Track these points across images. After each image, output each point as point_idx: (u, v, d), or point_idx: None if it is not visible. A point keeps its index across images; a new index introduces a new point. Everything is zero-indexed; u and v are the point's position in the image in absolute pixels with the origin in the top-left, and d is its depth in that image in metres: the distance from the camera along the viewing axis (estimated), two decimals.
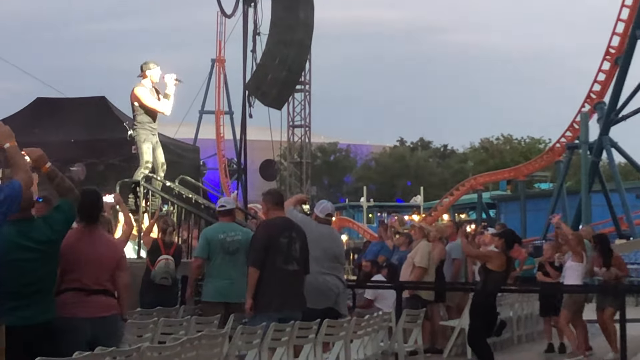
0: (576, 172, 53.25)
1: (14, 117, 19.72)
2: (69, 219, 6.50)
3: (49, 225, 6.30)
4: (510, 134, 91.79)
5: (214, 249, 10.38)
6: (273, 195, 9.73)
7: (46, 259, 6.28)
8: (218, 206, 11.15)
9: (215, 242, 10.39)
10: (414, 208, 65.72)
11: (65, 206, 6.44)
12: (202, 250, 10.54)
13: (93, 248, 6.96)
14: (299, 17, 19.89)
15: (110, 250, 7.18)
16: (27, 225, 6.19)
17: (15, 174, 5.91)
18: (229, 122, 63.74)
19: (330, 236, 10.61)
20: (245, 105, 21.27)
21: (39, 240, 6.20)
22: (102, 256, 7.01)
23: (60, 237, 6.41)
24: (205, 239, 10.60)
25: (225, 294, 10.25)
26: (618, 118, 39.59)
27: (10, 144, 5.94)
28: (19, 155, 5.96)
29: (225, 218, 10.79)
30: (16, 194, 5.77)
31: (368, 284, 15.00)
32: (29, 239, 6.14)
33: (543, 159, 51.71)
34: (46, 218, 6.39)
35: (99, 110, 20.06)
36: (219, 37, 60.54)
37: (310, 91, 46.93)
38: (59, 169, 6.66)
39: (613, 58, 40.15)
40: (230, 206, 10.99)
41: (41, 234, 6.22)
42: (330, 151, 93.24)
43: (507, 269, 11.77)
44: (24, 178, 5.87)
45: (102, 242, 7.13)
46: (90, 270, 6.89)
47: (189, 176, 18.27)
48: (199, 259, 10.56)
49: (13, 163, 5.93)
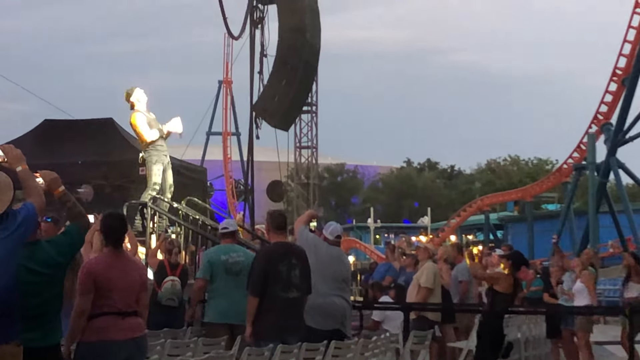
0: (584, 193, 53.13)
1: (23, 139, 19.81)
2: (75, 244, 6.50)
3: (54, 248, 6.28)
4: (517, 155, 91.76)
5: (217, 270, 10.35)
6: (275, 219, 9.69)
7: (51, 282, 6.25)
8: (220, 228, 11.19)
9: (217, 264, 10.36)
10: (421, 229, 65.61)
11: (74, 231, 6.44)
12: (204, 272, 10.50)
13: (125, 273, 7.08)
14: (305, 39, 19.98)
15: (139, 273, 7.31)
16: (32, 248, 6.18)
17: (28, 196, 5.93)
18: (236, 144, 63.89)
19: (339, 258, 10.62)
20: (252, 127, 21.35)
21: (45, 263, 6.18)
22: (132, 280, 7.13)
23: (66, 261, 6.39)
24: (207, 261, 10.59)
25: (228, 315, 10.21)
26: (625, 139, 39.50)
27: (22, 167, 5.98)
28: (31, 178, 5.99)
29: (227, 240, 10.81)
30: (32, 216, 5.80)
31: (375, 305, 14.98)
32: (34, 262, 6.12)
33: (550, 180, 51.61)
34: (52, 241, 6.38)
35: (107, 132, 20.15)
36: (226, 59, 60.74)
37: (317, 112, 46.93)
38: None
39: (620, 79, 40.10)
40: (232, 228, 11.01)
41: (47, 257, 6.20)
42: (338, 172, 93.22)
43: (514, 291, 11.75)
44: (38, 201, 5.90)
45: (131, 266, 7.26)
46: (124, 294, 7.02)
47: (196, 197, 18.33)
48: (202, 280, 10.52)
49: (26, 186, 5.96)
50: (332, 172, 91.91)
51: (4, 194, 5.63)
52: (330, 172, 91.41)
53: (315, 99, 45.98)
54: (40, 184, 6.19)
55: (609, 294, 28.32)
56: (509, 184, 74.94)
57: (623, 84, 39.39)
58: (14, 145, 6.24)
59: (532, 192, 53.03)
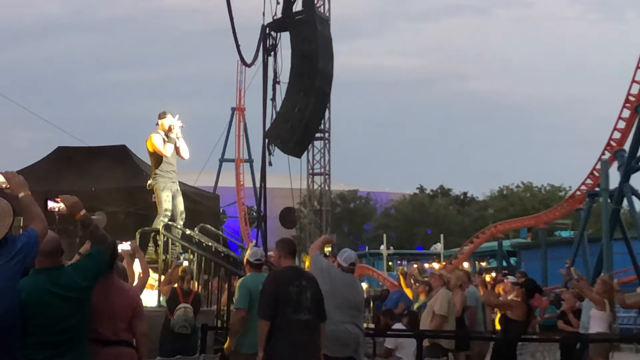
0: (597, 220, 52.98)
1: (36, 165, 19.89)
2: (100, 267, 6.52)
3: (79, 272, 6.32)
4: (530, 182, 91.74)
5: (253, 300, 9.98)
6: (286, 244, 9.63)
7: (77, 306, 6.27)
8: (254, 259, 10.65)
9: (255, 294, 9.96)
10: (434, 256, 65.47)
11: (97, 254, 6.47)
12: (244, 301, 10.17)
13: (107, 298, 6.92)
14: (318, 66, 20.00)
15: (125, 300, 7.13)
16: (57, 273, 6.22)
17: (31, 222, 5.95)
18: (249, 170, 64.02)
19: (353, 285, 10.58)
20: (265, 153, 21.36)
21: (70, 287, 6.21)
22: (116, 306, 6.99)
23: (92, 285, 6.41)
24: (247, 289, 10.22)
25: None
26: (638, 166, 39.39)
27: (24, 193, 6.00)
28: (33, 204, 6.01)
29: (257, 269, 10.57)
30: (32, 243, 5.82)
31: (388, 332, 14.92)
32: (59, 287, 6.15)
33: (563, 206, 51.48)
34: (76, 266, 6.43)
35: (120, 159, 20.20)
36: (239, 86, 61.12)
37: (329, 139, 47.10)
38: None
39: (633, 106, 40.03)
40: (263, 259, 10.85)
41: (71, 281, 6.23)
42: (350, 199, 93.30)
43: (527, 318, 11.71)
44: (40, 227, 5.91)
45: (117, 292, 7.10)
46: (106, 321, 6.86)
47: (209, 224, 18.34)
48: (243, 310, 10.13)
49: (28, 212, 5.96)
50: (344, 198, 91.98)
51: (3, 220, 5.66)
52: (343, 199, 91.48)
53: (328, 126, 46.18)
54: (61, 208, 6.23)
55: (624, 321, 28.18)
56: (522, 210, 74.83)
57: (636, 111, 39.33)
58: (25, 171, 6.27)
59: (545, 219, 52.88)
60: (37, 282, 6.12)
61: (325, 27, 21.54)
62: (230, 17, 20.89)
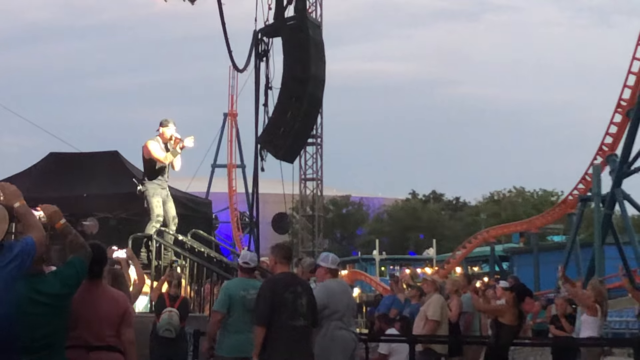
0: (589, 225, 53.07)
1: (28, 172, 19.84)
2: (80, 275, 6.51)
3: (59, 279, 6.31)
4: (522, 187, 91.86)
5: (235, 305, 10.15)
6: (282, 250, 9.66)
7: (56, 313, 6.25)
8: (242, 261, 10.70)
9: (236, 298, 10.16)
10: (427, 261, 65.58)
11: (77, 262, 6.45)
12: (222, 305, 10.26)
13: (94, 304, 6.90)
14: (310, 71, 19.98)
15: (113, 306, 7.09)
16: (38, 280, 6.20)
17: (28, 231, 5.94)
18: (241, 176, 64.04)
19: (347, 292, 10.65)
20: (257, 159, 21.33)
21: (49, 293, 6.19)
22: (103, 312, 6.95)
23: (71, 292, 6.39)
24: (227, 294, 10.29)
25: (240, 349, 10.07)
26: (630, 170, 39.48)
27: (20, 203, 5.98)
28: (29, 213, 6.00)
29: (246, 274, 10.58)
30: (29, 250, 5.82)
31: (381, 337, 14.92)
32: (39, 293, 6.14)
33: (555, 211, 51.60)
34: (57, 273, 6.41)
35: (112, 165, 20.18)
36: (231, 92, 61.19)
37: (322, 144, 47.16)
38: (71, 223, 6.68)
39: (624, 110, 40.16)
40: (254, 264, 10.80)
41: (51, 287, 6.23)
42: (343, 204, 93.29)
43: (519, 323, 11.73)
44: (38, 235, 5.92)
45: (104, 298, 7.07)
46: (92, 327, 6.83)
47: (201, 230, 18.36)
48: (219, 313, 10.26)
49: (24, 221, 5.96)
50: (337, 204, 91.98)
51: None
52: (336, 204, 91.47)
53: (320, 131, 46.26)
54: (41, 217, 6.21)
55: (615, 325, 28.21)
56: (514, 215, 74.89)
57: (627, 116, 39.44)
58: (17, 178, 6.27)
59: (538, 224, 53.00)
60: (17, 288, 6.09)
61: (317, 32, 21.52)
62: (222, 23, 20.87)
